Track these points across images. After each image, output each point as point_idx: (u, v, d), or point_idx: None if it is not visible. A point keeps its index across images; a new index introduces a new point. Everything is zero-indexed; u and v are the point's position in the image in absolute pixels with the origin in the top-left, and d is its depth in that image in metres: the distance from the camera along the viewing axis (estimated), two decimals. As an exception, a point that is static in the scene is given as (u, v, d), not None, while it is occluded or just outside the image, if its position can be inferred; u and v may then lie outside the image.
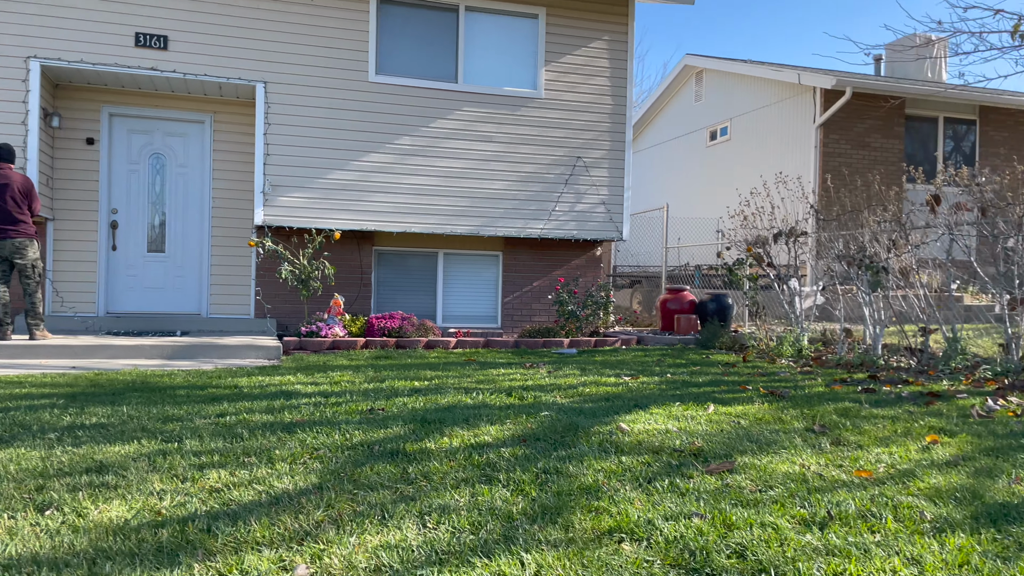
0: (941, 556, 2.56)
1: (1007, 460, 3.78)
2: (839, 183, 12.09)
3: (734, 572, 2.46)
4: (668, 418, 4.87)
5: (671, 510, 3.08)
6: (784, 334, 9.01)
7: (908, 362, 7.49)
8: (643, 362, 8.01)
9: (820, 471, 3.63)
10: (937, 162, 13.69)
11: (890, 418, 4.83)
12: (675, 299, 10.95)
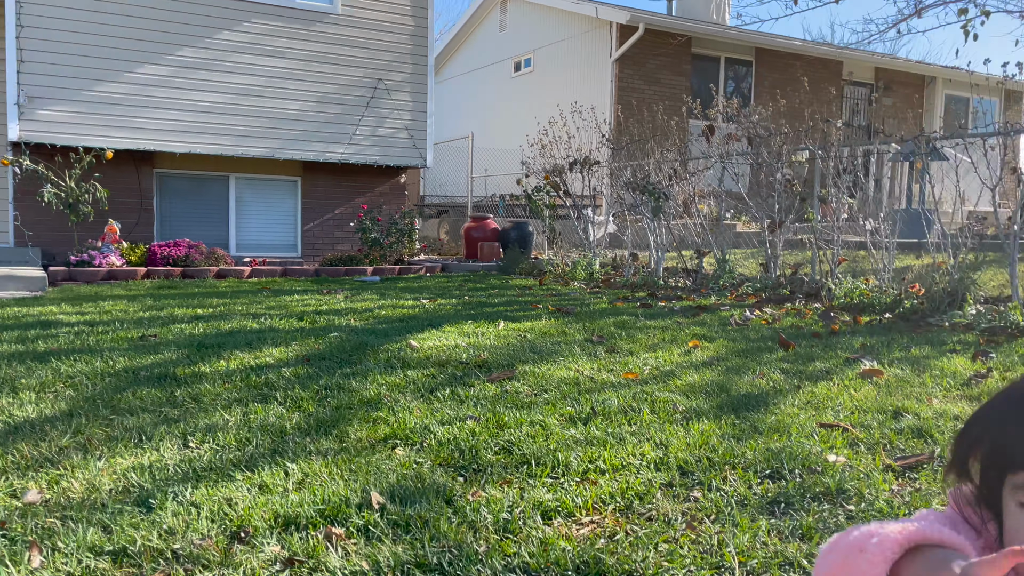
0: (685, 439, 2.80)
1: (754, 360, 4.20)
2: (631, 116, 12.66)
3: (499, 466, 2.55)
4: (459, 335, 4.95)
5: (448, 416, 3.14)
6: (579, 259, 9.42)
7: (685, 282, 8.10)
8: (444, 287, 8.07)
9: (592, 375, 3.84)
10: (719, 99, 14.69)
11: (660, 328, 5.20)
12: (479, 227, 11.08)
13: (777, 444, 2.74)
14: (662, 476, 2.45)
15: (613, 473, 2.48)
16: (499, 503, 2.21)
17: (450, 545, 1.95)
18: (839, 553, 0.86)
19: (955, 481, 0.92)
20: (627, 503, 2.24)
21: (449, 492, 2.32)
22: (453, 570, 1.83)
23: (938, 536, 0.81)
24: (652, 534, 2.02)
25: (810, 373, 3.88)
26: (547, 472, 2.49)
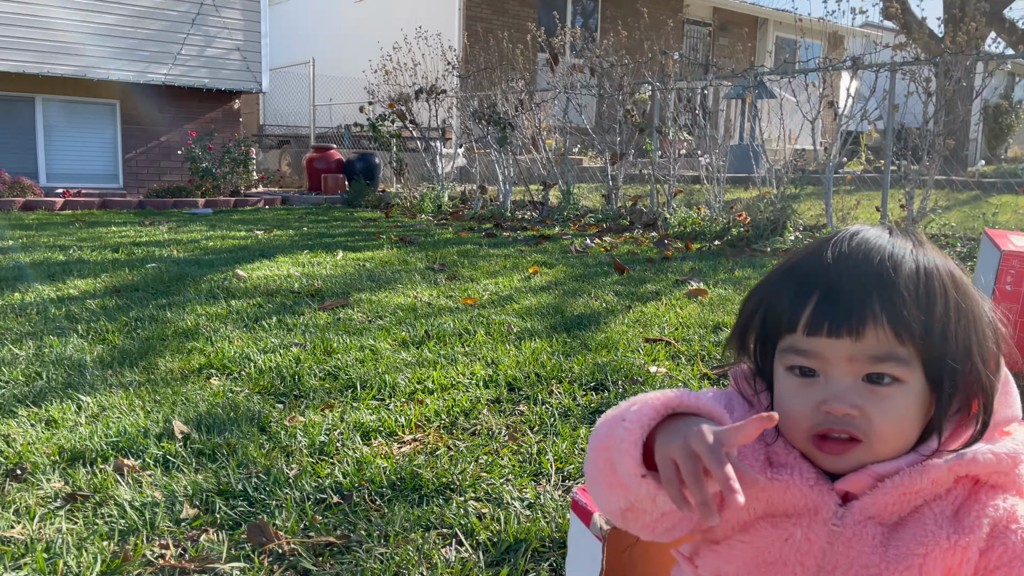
0: (517, 358, 2.78)
1: (590, 283, 4.26)
2: (477, 44, 12.43)
3: (322, 391, 2.43)
4: (293, 265, 4.71)
5: (272, 344, 2.96)
6: (427, 192, 9.24)
7: (531, 214, 8.14)
8: (283, 219, 7.68)
9: (431, 301, 3.76)
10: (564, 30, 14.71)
11: (503, 256, 5.18)
12: (322, 158, 10.61)
13: (604, 359, 2.78)
14: (490, 393, 2.42)
15: (441, 392, 2.42)
16: (318, 427, 2.10)
17: (258, 471, 1.83)
18: (605, 424, 0.83)
19: (735, 357, 0.91)
20: (452, 420, 2.19)
21: (265, 419, 2.18)
22: (259, 495, 1.71)
23: (695, 404, 0.79)
24: (474, 447, 1.98)
25: (641, 294, 3.98)
26: (373, 395, 2.40)
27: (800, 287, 0.81)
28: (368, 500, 1.70)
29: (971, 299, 0.81)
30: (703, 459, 0.72)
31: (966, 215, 6.48)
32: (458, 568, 1.42)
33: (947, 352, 0.78)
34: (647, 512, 0.80)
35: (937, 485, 0.78)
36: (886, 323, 0.77)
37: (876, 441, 0.78)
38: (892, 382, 0.78)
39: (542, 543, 1.51)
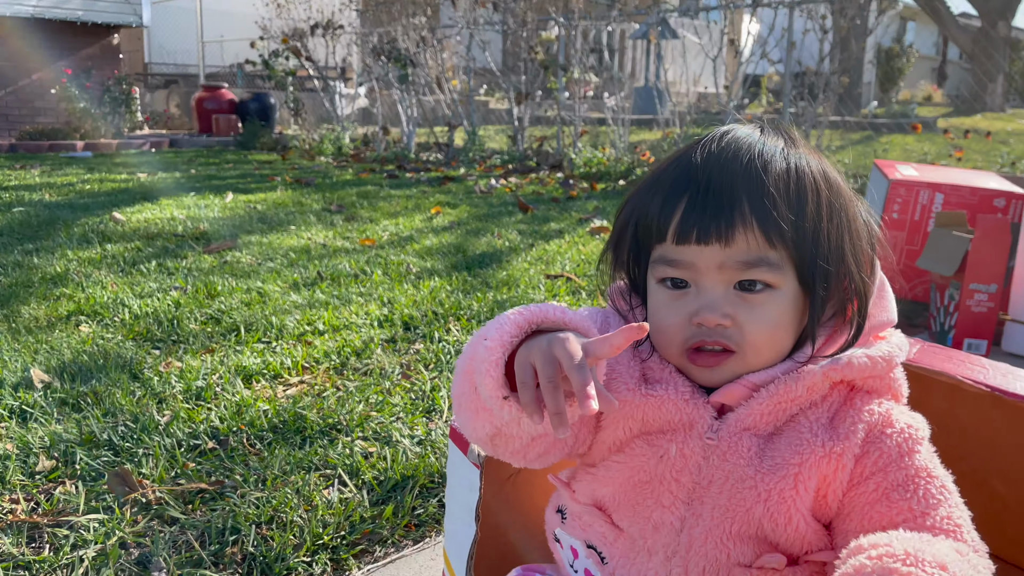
0: (414, 297, 2.69)
1: (494, 223, 4.19)
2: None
3: (203, 335, 2.28)
4: (178, 208, 4.43)
5: (150, 289, 2.77)
6: (326, 134, 8.89)
7: (436, 156, 7.96)
8: (170, 162, 7.25)
9: (326, 243, 3.60)
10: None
11: (405, 197, 5.03)
12: (212, 98, 10.03)
13: (504, 296, 2.72)
14: (385, 332, 2.33)
15: (333, 333, 2.31)
16: (195, 372, 1.96)
17: (126, 419, 1.69)
18: (470, 344, 0.76)
19: (611, 272, 0.85)
20: (343, 361, 2.09)
21: (138, 365, 2.03)
22: (125, 444, 1.58)
23: (560, 318, 0.72)
24: (364, 387, 1.89)
25: (545, 233, 3.93)
26: (258, 337, 2.27)
27: (668, 193, 0.76)
28: (247, 444, 1.59)
29: (844, 199, 0.77)
30: (563, 366, 0.65)
31: (859, 153, 6.70)
32: (340, 509, 1.34)
33: (820, 254, 0.74)
34: (514, 437, 0.74)
35: (812, 392, 0.75)
36: (756, 226, 0.72)
37: (750, 351, 0.75)
38: (764, 288, 0.74)
39: (431, 479, 1.45)
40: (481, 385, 0.71)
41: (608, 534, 0.80)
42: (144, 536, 1.29)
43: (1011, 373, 1.15)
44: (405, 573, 1.21)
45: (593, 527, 0.81)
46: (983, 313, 2.22)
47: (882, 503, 0.70)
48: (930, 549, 0.61)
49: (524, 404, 0.67)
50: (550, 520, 0.91)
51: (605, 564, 0.81)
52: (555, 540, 0.89)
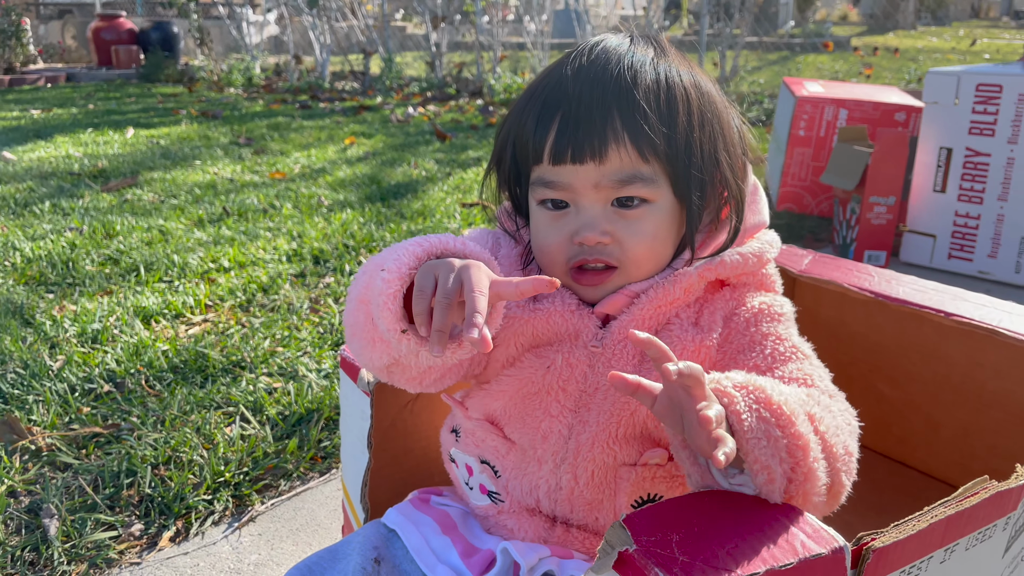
0: (325, 229, 2.62)
1: (411, 152, 4.09)
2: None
3: (100, 277, 2.18)
4: (74, 145, 4.19)
5: (43, 231, 2.62)
6: (235, 64, 8.48)
7: (352, 85, 7.70)
8: (67, 97, 6.81)
9: (233, 177, 3.47)
10: None
11: (318, 128, 4.87)
12: (110, 28, 9.40)
13: (419, 226, 2.68)
14: (293, 267, 2.27)
15: (239, 270, 2.24)
16: (90, 314, 1.88)
17: (16, 366, 1.61)
18: (364, 273, 0.74)
19: (495, 193, 0.84)
20: (248, 298, 2.03)
21: (30, 310, 1.93)
22: (14, 391, 1.50)
23: (460, 249, 0.71)
24: (270, 323, 1.85)
25: (462, 161, 3.87)
26: (158, 277, 2.18)
27: (542, 112, 0.74)
28: (145, 386, 1.54)
29: (717, 107, 0.77)
30: (464, 289, 0.64)
31: (775, 73, 6.76)
32: (242, 446, 1.32)
33: (693, 164, 0.75)
34: (411, 367, 0.74)
35: (689, 293, 0.77)
36: (628, 142, 0.72)
37: (631, 265, 0.76)
38: (641, 204, 0.74)
39: (337, 411, 1.43)
40: (379, 318, 0.69)
41: (500, 447, 0.81)
42: (35, 484, 1.24)
43: (895, 279, 1.19)
44: (309, 505, 1.21)
45: (486, 442, 0.82)
46: (882, 225, 2.29)
47: (729, 366, 0.73)
48: (773, 386, 0.62)
49: (416, 314, 0.65)
50: (445, 441, 0.91)
51: (499, 477, 0.82)
52: (451, 461, 0.90)
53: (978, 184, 2.21)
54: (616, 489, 0.77)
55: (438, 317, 0.64)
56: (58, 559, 1.07)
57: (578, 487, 0.77)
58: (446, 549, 0.80)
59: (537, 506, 0.80)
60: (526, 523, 0.80)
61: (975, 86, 2.16)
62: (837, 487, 0.65)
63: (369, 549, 0.80)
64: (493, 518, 0.83)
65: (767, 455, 0.60)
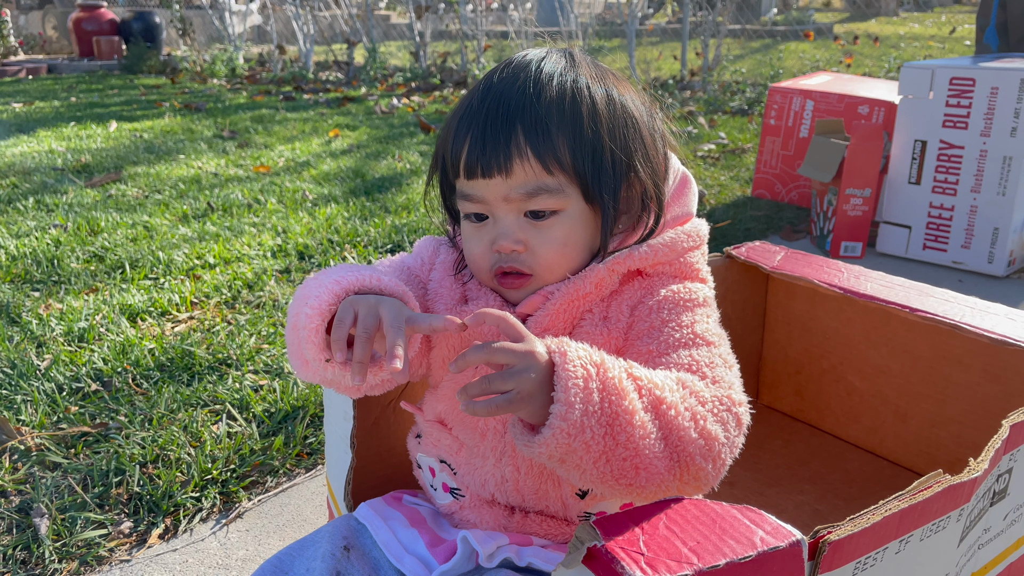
0: (309, 224, 2.64)
1: (395, 144, 4.10)
2: None
3: (85, 274, 2.19)
4: (57, 139, 4.17)
5: (27, 228, 2.62)
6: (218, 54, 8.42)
7: (336, 75, 7.68)
8: (49, 89, 6.75)
9: (217, 171, 3.47)
10: None
11: (302, 120, 4.86)
12: (91, 19, 9.31)
13: (403, 220, 2.70)
14: (278, 263, 2.28)
15: (224, 266, 2.26)
16: (76, 313, 1.89)
17: (3, 366, 1.62)
18: (296, 300, 0.79)
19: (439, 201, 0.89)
20: (234, 294, 2.05)
21: (16, 309, 1.94)
22: (2, 391, 1.52)
23: (377, 285, 0.77)
24: (256, 320, 1.87)
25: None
26: (144, 274, 2.19)
27: (459, 128, 0.79)
28: (132, 385, 1.56)
29: (629, 112, 0.80)
30: (383, 324, 0.70)
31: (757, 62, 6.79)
32: (229, 443, 1.34)
33: (603, 172, 0.78)
34: (341, 385, 0.80)
35: (601, 287, 0.80)
36: (531, 155, 0.75)
37: (544, 271, 0.80)
38: (551, 214, 0.78)
39: (322, 408, 1.46)
40: (305, 350, 0.75)
41: (452, 446, 0.86)
42: (25, 483, 1.26)
43: (863, 275, 1.23)
44: (296, 500, 1.23)
45: (441, 441, 0.87)
46: (858, 217, 2.34)
47: (628, 353, 0.77)
48: (616, 362, 0.66)
49: (333, 340, 0.71)
50: (411, 446, 0.95)
51: (456, 475, 0.86)
52: (417, 467, 0.94)
53: (952, 176, 2.25)
54: (559, 480, 0.82)
55: (358, 350, 0.70)
56: (49, 557, 1.10)
57: (521, 478, 0.82)
58: (414, 541, 0.84)
59: (493, 498, 0.84)
60: (487, 514, 0.85)
61: (948, 80, 2.20)
62: (694, 469, 0.68)
63: (339, 538, 0.83)
64: (457, 514, 0.88)
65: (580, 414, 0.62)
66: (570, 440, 0.63)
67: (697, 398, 0.69)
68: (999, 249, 2.21)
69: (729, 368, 0.75)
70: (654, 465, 0.67)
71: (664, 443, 0.67)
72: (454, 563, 0.80)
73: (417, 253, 0.93)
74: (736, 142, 3.87)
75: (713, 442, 0.68)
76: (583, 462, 0.65)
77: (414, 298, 0.79)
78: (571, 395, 0.63)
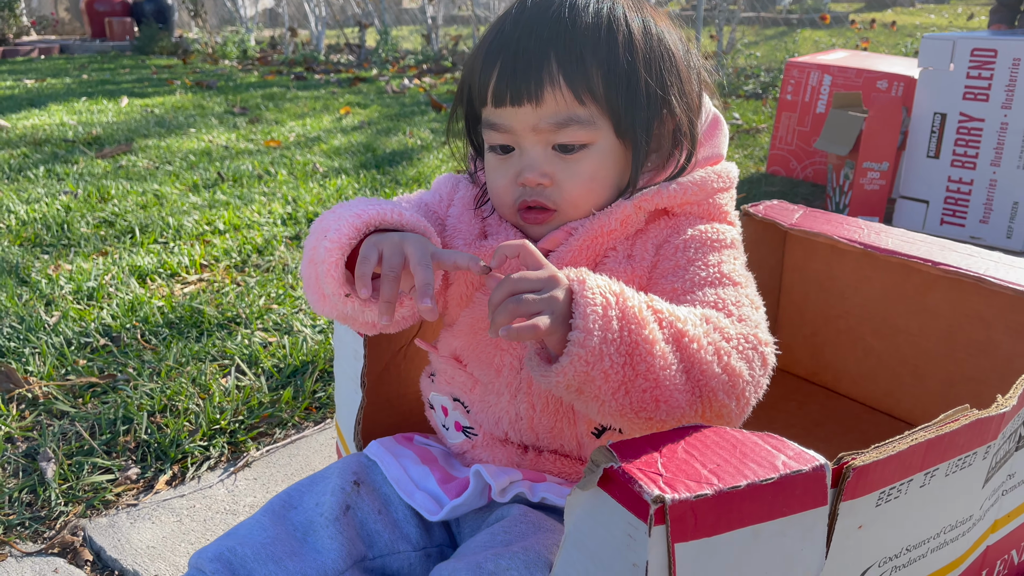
0: (319, 194, 2.62)
1: (406, 122, 4.08)
2: None
3: (95, 238, 2.18)
4: (68, 113, 4.17)
5: (38, 194, 2.62)
6: (230, 36, 8.41)
7: (348, 58, 7.66)
8: (61, 68, 6.76)
9: (228, 145, 3.46)
10: None
11: (314, 98, 4.85)
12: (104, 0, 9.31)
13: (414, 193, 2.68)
14: (288, 230, 2.27)
15: (234, 232, 2.24)
16: (86, 273, 1.89)
17: (12, 321, 1.62)
18: (312, 234, 0.77)
19: (462, 135, 0.87)
20: (243, 259, 2.04)
21: (25, 269, 1.94)
22: (10, 344, 1.51)
23: (398, 220, 0.74)
24: (265, 282, 1.85)
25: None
26: (154, 238, 2.18)
27: (488, 54, 0.76)
28: (140, 340, 1.55)
29: (665, 44, 0.77)
30: (409, 260, 0.68)
31: (771, 47, 6.74)
32: (237, 396, 1.33)
33: (636, 105, 0.75)
34: (357, 320, 0.78)
35: (627, 225, 0.78)
36: (563, 83, 0.72)
37: (568, 207, 0.77)
38: (580, 148, 0.75)
39: (331, 364, 1.45)
40: (323, 283, 0.73)
41: (466, 383, 0.84)
42: (32, 431, 1.25)
43: (883, 231, 1.20)
44: (304, 452, 1.22)
45: (455, 379, 0.85)
46: (875, 191, 2.30)
47: (652, 291, 0.74)
48: (637, 295, 0.64)
49: (358, 276, 0.68)
50: (424, 386, 0.94)
51: (469, 413, 0.85)
52: (429, 407, 0.92)
53: (971, 150, 2.21)
54: (575, 417, 0.80)
55: (386, 289, 0.68)
56: (56, 500, 1.09)
57: (536, 415, 0.80)
58: (424, 477, 0.82)
59: (506, 436, 0.83)
60: (499, 453, 0.83)
61: (970, 51, 2.16)
62: (716, 406, 0.66)
63: (348, 474, 0.82)
64: (469, 452, 0.86)
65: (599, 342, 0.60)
66: (588, 368, 0.62)
67: (722, 334, 0.67)
68: (1018, 224, 2.17)
69: (756, 309, 0.73)
70: (675, 398, 0.65)
71: (686, 376, 0.65)
72: (466, 498, 0.78)
73: (435, 190, 0.91)
74: (751, 123, 3.83)
75: (737, 379, 0.66)
76: (601, 392, 0.63)
77: (436, 234, 0.77)
78: (589, 322, 0.61)
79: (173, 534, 1.03)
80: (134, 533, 1.03)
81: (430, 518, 0.79)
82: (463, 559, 0.71)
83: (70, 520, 1.06)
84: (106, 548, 1.00)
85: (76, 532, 1.04)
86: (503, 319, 0.62)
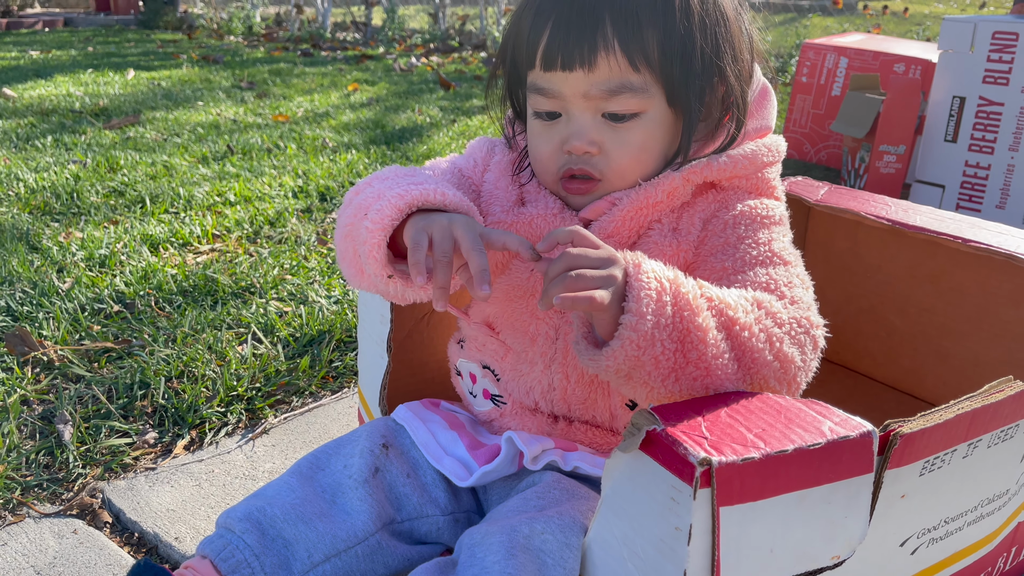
0: (330, 168, 2.60)
1: (415, 99, 4.05)
2: None
3: (105, 208, 2.16)
4: (75, 85, 4.13)
5: (46, 163, 2.60)
6: (235, 11, 8.34)
7: (354, 35, 7.60)
8: (66, 40, 6.70)
9: (236, 118, 3.43)
10: None
11: (321, 74, 4.81)
12: (108, -27, 9.22)
13: (425, 167, 2.66)
14: (300, 203, 2.25)
15: (245, 204, 2.23)
16: (97, 241, 1.87)
17: (24, 287, 1.61)
18: (350, 209, 0.75)
19: (499, 100, 0.85)
20: (256, 229, 2.02)
21: (36, 236, 1.92)
22: (24, 308, 1.50)
23: (441, 200, 0.72)
24: (278, 253, 1.84)
25: (467, 109, 3.83)
26: (164, 208, 2.17)
27: (537, 16, 0.73)
28: (155, 307, 1.54)
29: (720, 9, 0.75)
30: (461, 246, 0.66)
31: (781, 34, 6.69)
32: (254, 363, 1.32)
33: (691, 72, 0.73)
34: (398, 297, 0.77)
35: (674, 197, 0.76)
36: (618, 48, 0.70)
37: (614, 177, 0.75)
38: (631, 117, 0.73)
39: (348, 334, 1.44)
40: (365, 264, 0.72)
41: (498, 350, 0.83)
42: (48, 394, 1.24)
43: (912, 208, 1.19)
44: (322, 420, 1.21)
45: (486, 346, 0.84)
46: (891, 174, 2.29)
47: (700, 269, 0.73)
48: (688, 280, 0.63)
49: (412, 263, 0.67)
50: (452, 353, 0.92)
51: (499, 381, 0.83)
52: (456, 374, 0.91)
53: (990, 134, 2.19)
54: (609, 389, 0.78)
55: (440, 276, 0.66)
56: (73, 462, 1.08)
57: (570, 386, 0.79)
58: (453, 443, 0.81)
59: (536, 406, 0.81)
60: (529, 422, 0.82)
61: (991, 34, 2.14)
62: (768, 392, 0.65)
63: (377, 436, 0.81)
64: (497, 421, 0.85)
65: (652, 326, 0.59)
66: (639, 352, 0.60)
67: (774, 319, 0.65)
68: (1035, 210, 2.16)
69: (806, 289, 0.71)
70: (725, 386, 0.64)
71: (737, 364, 0.63)
72: (497, 464, 0.77)
73: (469, 154, 0.88)
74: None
75: (789, 365, 0.65)
76: (651, 378, 0.62)
77: (478, 212, 0.75)
78: (643, 305, 0.59)
79: (192, 497, 1.02)
80: (153, 496, 1.02)
81: (459, 483, 0.78)
82: (496, 523, 0.70)
83: (88, 482, 1.05)
84: (125, 510, 1.00)
85: (95, 494, 1.03)
86: (559, 291, 0.60)
